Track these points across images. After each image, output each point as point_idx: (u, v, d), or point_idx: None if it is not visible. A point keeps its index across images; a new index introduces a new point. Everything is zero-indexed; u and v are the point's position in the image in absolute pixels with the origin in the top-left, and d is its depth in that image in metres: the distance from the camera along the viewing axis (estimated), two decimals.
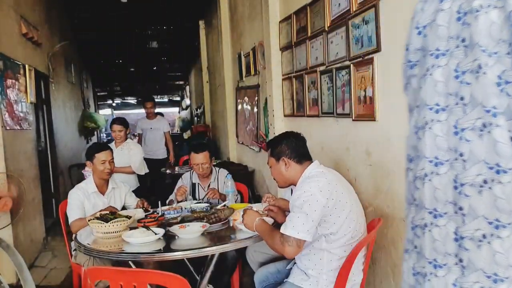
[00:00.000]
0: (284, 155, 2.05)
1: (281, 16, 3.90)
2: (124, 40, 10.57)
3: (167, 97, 22.47)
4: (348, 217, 1.93)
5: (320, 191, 1.86)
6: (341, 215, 1.91)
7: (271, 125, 4.19)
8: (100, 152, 2.91)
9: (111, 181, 3.03)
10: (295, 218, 1.84)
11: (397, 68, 2.21)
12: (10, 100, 3.82)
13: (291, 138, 2.10)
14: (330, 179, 1.96)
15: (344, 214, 1.91)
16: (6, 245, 1.82)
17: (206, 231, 2.30)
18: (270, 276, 2.31)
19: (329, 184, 1.91)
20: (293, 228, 1.82)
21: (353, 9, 2.56)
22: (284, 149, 2.07)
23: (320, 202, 1.84)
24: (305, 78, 3.40)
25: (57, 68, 6.40)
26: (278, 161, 2.07)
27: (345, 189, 2.00)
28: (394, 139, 2.27)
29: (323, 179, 1.93)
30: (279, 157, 2.07)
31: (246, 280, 3.22)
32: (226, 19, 6.29)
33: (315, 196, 1.84)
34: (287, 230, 1.83)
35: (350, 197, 2.00)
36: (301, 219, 1.82)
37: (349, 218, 1.93)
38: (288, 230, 1.83)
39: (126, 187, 3.15)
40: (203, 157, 3.14)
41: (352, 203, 1.97)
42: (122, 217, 2.39)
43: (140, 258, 2.16)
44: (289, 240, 1.81)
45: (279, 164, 2.07)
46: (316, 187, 1.87)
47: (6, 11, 3.95)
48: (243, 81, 5.61)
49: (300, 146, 2.10)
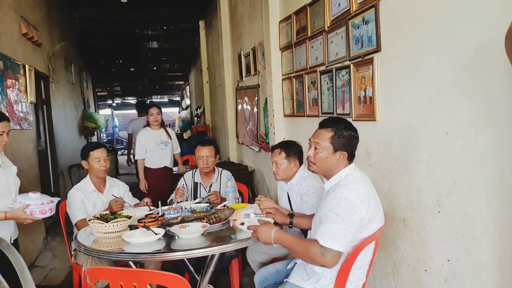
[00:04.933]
0: (345, 148, 1.88)
1: (281, 16, 3.90)
2: (124, 40, 10.58)
3: (167, 97, 22.49)
4: (373, 227, 1.86)
5: (361, 202, 1.77)
6: (370, 226, 1.85)
7: (271, 125, 4.19)
8: (95, 150, 2.91)
9: (109, 179, 3.05)
10: (337, 229, 1.72)
11: (397, 68, 2.23)
12: (10, 100, 3.82)
13: (356, 136, 1.93)
14: (368, 187, 1.86)
15: (373, 226, 1.86)
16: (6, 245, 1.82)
17: (206, 231, 2.30)
18: (269, 277, 2.31)
19: (369, 194, 1.83)
20: (335, 241, 1.71)
21: (353, 9, 2.56)
22: (348, 142, 1.89)
23: (360, 213, 1.77)
24: (305, 78, 3.40)
25: (57, 68, 6.40)
26: (336, 151, 1.87)
27: (376, 197, 1.90)
28: (394, 139, 2.27)
29: (363, 188, 1.82)
30: (339, 149, 1.87)
31: (246, 280, 3.22)
32: (226, 19, 6.29)
33: (356, 207, 1.75)
34: (328, 242, 1.72)
35: (379, 204, 1.91)
36: (342, 231, 1.72)
37: (373, 228, 1.86)
38: (330, 243, 1.72)
39: (124, 185, 3.16)
40: (209, 151, 3.18)
41: (378, 212, 1.89)
42: (122, 217, 2.39)
43: (140, 258, 2.16)
44: (331, 252, 1.72)
45: (334, 154, 1.87)
46: (357, 197, 1.76)
47: (6, 11, 3.95)
48: (243, 81, 5.61)
49: (355, 146, 1.95)
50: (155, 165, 4.33)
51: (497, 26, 1.55)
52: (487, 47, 1.63)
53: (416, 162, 2.10)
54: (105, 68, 13.33)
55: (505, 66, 1.50)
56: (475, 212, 1.76)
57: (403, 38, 2.15)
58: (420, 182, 2.08)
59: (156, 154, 4.33)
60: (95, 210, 2.88)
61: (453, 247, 1.91)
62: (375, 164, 2.45)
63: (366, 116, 2.47)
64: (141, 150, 4.31)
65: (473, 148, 1.75)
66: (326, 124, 1.90)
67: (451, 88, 1.85)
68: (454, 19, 1.80)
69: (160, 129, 4.41)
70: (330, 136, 1.87)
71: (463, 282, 1.86)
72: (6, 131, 2.41)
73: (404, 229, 2.24)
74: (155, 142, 4.32)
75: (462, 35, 1.76)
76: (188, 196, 3.26)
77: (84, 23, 9.05)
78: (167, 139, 4.39)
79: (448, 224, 1.93)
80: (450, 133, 1.87)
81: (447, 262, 1.95)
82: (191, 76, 14.34)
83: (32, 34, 4.61)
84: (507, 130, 1.58)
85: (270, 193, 4.51)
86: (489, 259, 1.72)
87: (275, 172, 2.63)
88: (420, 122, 2.06)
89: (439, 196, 1.97)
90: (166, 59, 13.73)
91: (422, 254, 2.12)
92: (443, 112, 1.89)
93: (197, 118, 11.46)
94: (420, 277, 2.15)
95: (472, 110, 1.74)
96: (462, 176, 1.82)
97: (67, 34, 7.41)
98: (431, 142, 1.99)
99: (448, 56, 1.85)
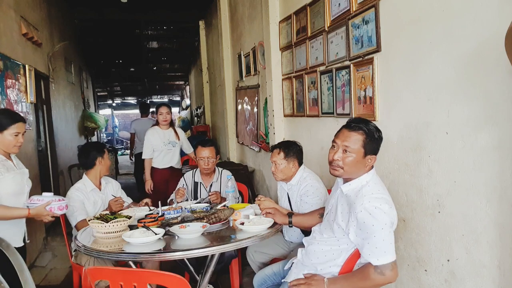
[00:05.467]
0: (374, 152, 1.81)
1: (281, 16, 3.90)
2: (124, 40, 10.58)
3: (167, 97, 22.48)
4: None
5: (390, 207, 1.74)
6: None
7: (271, 125, 4.19)
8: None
9: (104, 177, 3.07)
10: (381, 242, 1.67)
11: (397, 68, 2.23)
12: (10, 100, 3.82)
13: (382, 138, 1.87)
14: (386, 191, 1.84)
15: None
16: (6, 245, 1.82)
17: (206, 231, 2.30)
18: (267, 279, 2.32)
19: (389, 197, 1.81)
20: (386, 254, 1.67)
21: (353, 9, 2.57)
22: (378, 145, 1.83)
23: (391, 217, 1.73)
24: (305, 78, 3.40)
25: (57, 68, 6.40)
26: (366, 155, 1.79)
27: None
28: (394, 139, 2.27)
29: (387, 196, 1.80)
30: (370, 152, 1.79)
31: (246, 280, 3.22)
32: (226, 19, 6.29)
33: (389, 216, 1.71)
34: (380, 259, 1.67)
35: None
36: (387, 240, 1.68)
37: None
38: (382, 258, 1.67)
39: (117, 183, 3.19)
40: (210, 151, 3.18)
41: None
42: (122, 217, 2.40)
43: (140, 258, 2.16)
44: (388, 266, 1.68)
45: (365, 159, 1.79)
46: (385, 202, 1.73)
47: (6, 11, 3.95)
48: (243, 81, 5.61)
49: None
50: (161, 165, 4.29)
51: (497, 26, 1.56)
52: (487, 47, 1.63)
53: (416, 162, 2.10)
54: (105, 68, 13.32)
55: (505, 66, 1.50)
56: (475, 212, 1.76)
57: (403, 38, 2.15)
58: (420, 182, 2.08)
59: (163, 154, 4.28)
60: (95, 208, 2.90)
61: (453, 247, 1.91)
62: (375, 164, 2.44)
63: (366, 116, 2.47)
64: (149, 150, 4.25)
65: (473, 148, 1.75)
66: (357, 126, 1.79)
67: (451, 88, 1.84)
68: (454, 19, 1.80)
69: (169, 129, 4.33)
70: (362, 139, 1.77)
71: (463, 282, 1.86)
72: (22, 132, 2.41)
73: (404, 229, 2.24)
74: (162, 143, 4.25)
75: (462, 35, 1.76)
76: (188, 196, 3.26)
77: (84, 23, 9.05)
78: (175, 139, 4.32)
79: (448, 224, 1.93)
80: (450, 133, 1.87)
81: (447, 262, 1.95)
82: (191, 76, 14.34)
83: (32, 34, 4.61)
84: (507, 130, 1.58)
85: (270, 193, 4.51)
86: (489, 259, 1.72)
87: (274, 172, 2.64)
88: (420, 122, 2.06)
89: (439, 196, 1.97)
90: (166, 59, 13.74)
91: (422, 254, 2.12)
92: (443, 112, 1.90)
93: (197, 118, 11.46)
94: (420, 277, 2.15)
95: (472, 110, 1.74)
96: (462, 176, 1.82)
97: (67, 34, 7.41)
98: (431, 142, 1.99)
99: (448, 56, 1.85)
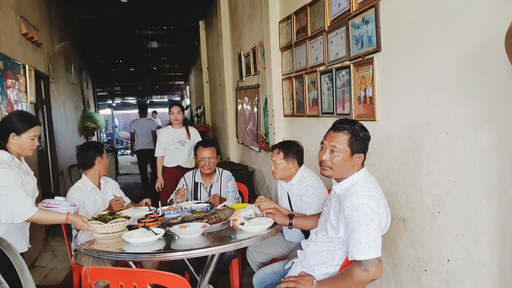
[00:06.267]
0: (362, 150, 1.83)
1: (281, 16, 3.90)
2: (124, 40, 10.58)
3: (167, 97, 22.48)
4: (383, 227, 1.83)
5: (378, 204, 1.74)
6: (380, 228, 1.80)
7: (271, 125, 4.20)
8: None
9: (102, 177, 3.08)
10: (365, 237, 1.67)
11: (397, 68, 2.23)
12: (10, 100, 3.82)
13: (370, 137, 1.89)
14: (378, 189, 1.85)
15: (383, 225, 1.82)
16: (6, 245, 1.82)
17: (206, 231, 2.30)
18: (267, 278, 2.32)
19: (380, 195, 1.81)
20: (370, 249, 1.67)
21: (353, 9, 2.57)
22: (365, 144, 1.85)
23: (380, 215, 1.74)
24: (305, 78, 3.40)
25: (57, 68, 6.40)
26: (353, 154, 1.82)
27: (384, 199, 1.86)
28: (394, 139, 2.27)
29: (377, 194, 1.79)
30: (357, 151, 1.82)
31: (246, 280, 3.22)
32: (226, 19, 6.29)
33: (376, 213, 1.71)
34: (364, 254, 1.67)
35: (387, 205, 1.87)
36: (371, 236, 1.68)
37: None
38: (366, 254, 1.66)
39: (115, 182, 3.21)
40: (211, 152, 3.18)
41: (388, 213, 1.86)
42: (121, 217, 2.39)
43: (140, 258, 2.16)
44: (371, 263, 1.67)
45: (352, 157, 1.82)
46: (372, 200, 1.74)
47: (6, 11, 3.95)
48: (243, 81, 5.61)
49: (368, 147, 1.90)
50: (169, 163, 4.39)
51: (497, 26, 1.56)
52: (487, 47, 1.63)
53: (416, 162, 2.10)
54: (105, 68, 13.33)
55: (505, 66, 1.50)
56: (475, 212, 1.76)
57: (403, 38, 2.15)
58: (420, 182, 2.08)
59: (169, 152, 4.37)
60: (96, 208, 2.90)
61: (453, 247, 1.90)
62: (375, 164, 2.45)
63: (366, 116, 2.47)
64: (160, 148, 4.40)
65: (473, 148, 1.75)
66: (341, 127, 1.83)
67: (451, 88, 1.84)
68: (454, 19, 1.80)
69: (181, 128, 4.43)
70: (347, 139, 1.81)
71: (463, 282, 1.86)
72: (37, 135, 2.42)
73: (404, 229, 2.24)
74: (171, 141, 4.36)
75: (462, 35, 1.76)
76: (188, 196, 3.26)
77: (84, 23, 9.05)
78: (185, 138, 4.38)
79: (448, 224, 1.93)
80: (450, 133, 1.87)
81: (447, 262, 1.95)
82: (191, 76, 14.34)
83: (32, 34, 4.61)
84: (507, 130, 1.58)
85: (270, 193, 4.51)
86: (489, 259, 1.72)
87: (273, 172, 2.65)
88: (420, 122, 2.06)
89: (439, 196, 1.96)
90: (166, 59, 13.75)
91: (422, 254, 2.12)
92: (443, 112, 1.89)
93: (197, 118, 11.46)
94: (420, 277, 2.15)
95: (472, 110, 1.74)
96: (462, 176, 1.82)
97: (67, 34, 7.41)
98: (431, 142, 1.99)
99: (448, 56, 1.85)
